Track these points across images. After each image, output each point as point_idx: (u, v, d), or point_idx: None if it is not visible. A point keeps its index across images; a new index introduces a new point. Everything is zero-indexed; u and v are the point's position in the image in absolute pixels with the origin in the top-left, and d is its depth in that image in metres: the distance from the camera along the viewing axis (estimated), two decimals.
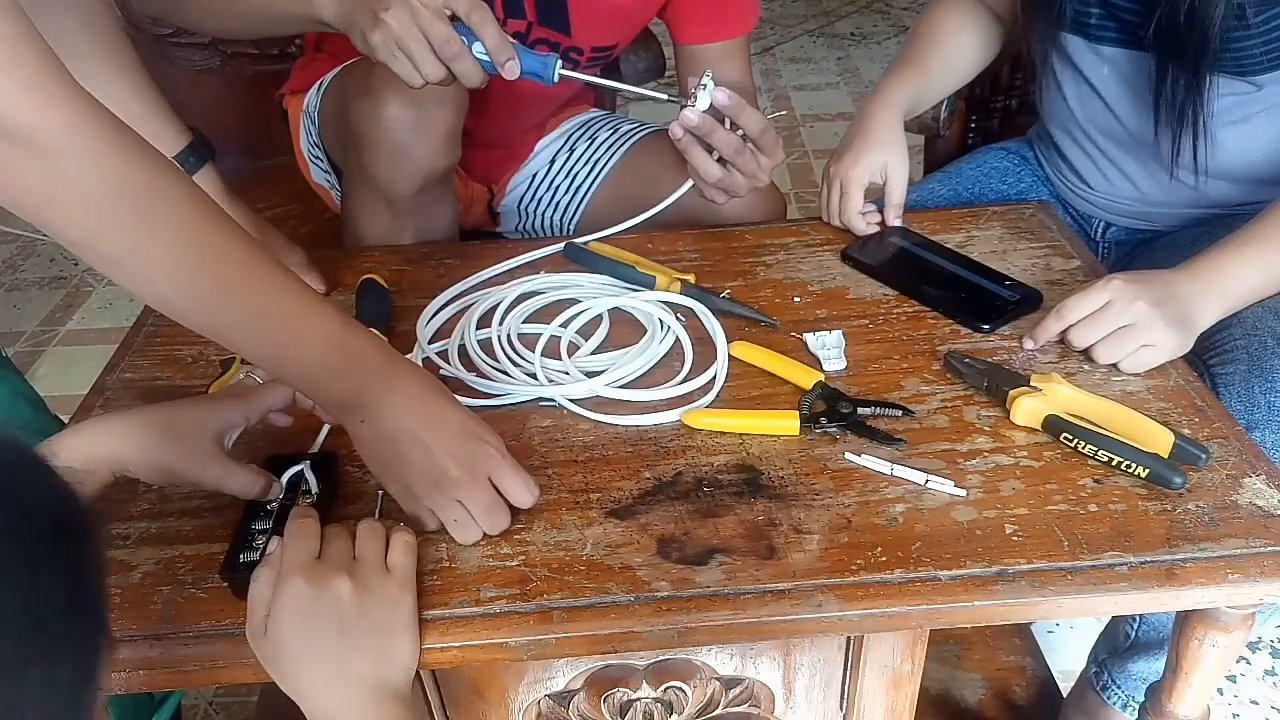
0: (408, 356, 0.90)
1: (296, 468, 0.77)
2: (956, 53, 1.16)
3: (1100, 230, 1.17)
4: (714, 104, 0.92)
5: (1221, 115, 0.96)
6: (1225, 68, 0.93)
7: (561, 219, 1.30)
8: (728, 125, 0.94)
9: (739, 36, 1.20)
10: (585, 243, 1.04)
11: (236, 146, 1.43)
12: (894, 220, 1.06)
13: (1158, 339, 0.83)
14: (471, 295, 0.99)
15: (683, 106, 0.93)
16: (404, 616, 0.65)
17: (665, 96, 0.97)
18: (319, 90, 1.20)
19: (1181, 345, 0.85)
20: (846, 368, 0.88)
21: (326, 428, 0.83)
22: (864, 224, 1.04)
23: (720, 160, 0.97)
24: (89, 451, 0.68)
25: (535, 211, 1.31)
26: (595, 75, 1.31)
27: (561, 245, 1.04)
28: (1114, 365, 0.85)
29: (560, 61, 0.91)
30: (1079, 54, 1.06)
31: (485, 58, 0.87)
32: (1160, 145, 1.00)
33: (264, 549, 0.69)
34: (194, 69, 1.45)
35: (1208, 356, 0.90)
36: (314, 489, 0.76)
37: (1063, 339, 0.87)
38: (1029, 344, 0.88)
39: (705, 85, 0.92)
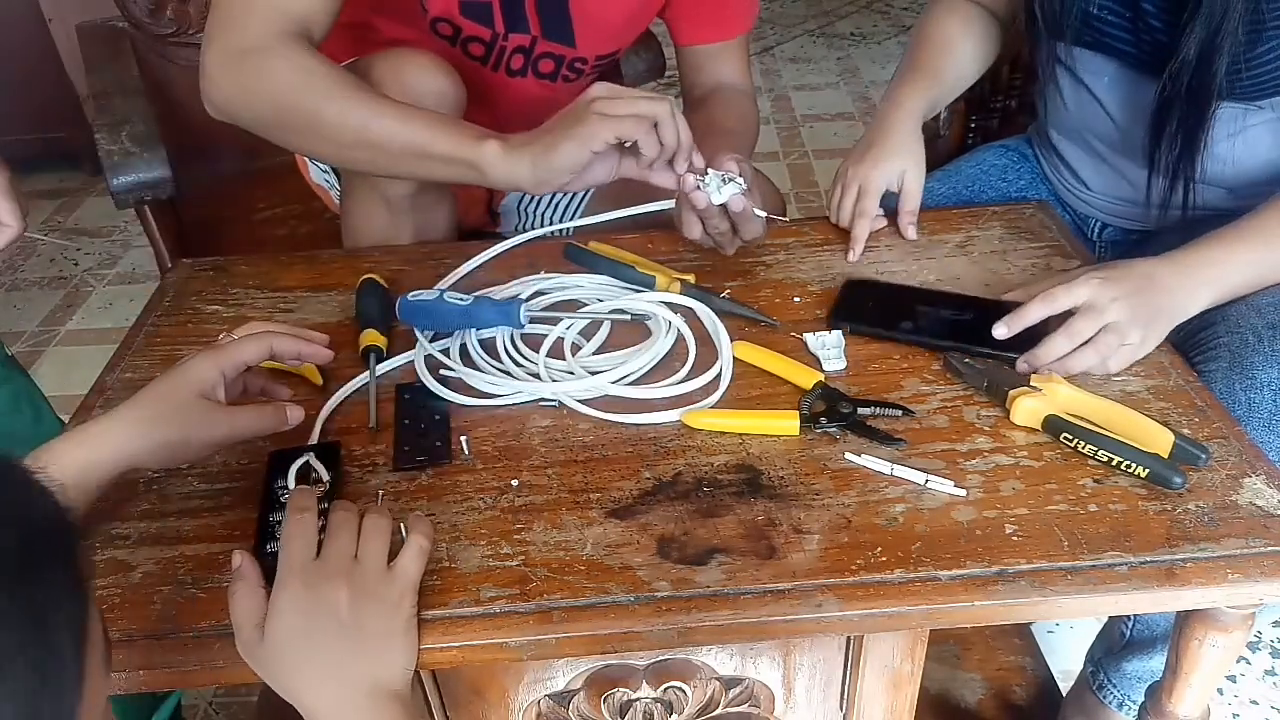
0: (408, 355, 0.91)
1: (301, 459, 0.77)
2: (964, 55, 1.15)
3: (1096, 230, 1.17)
4: (728, 203, 0.91)
5: (1217, 129, 0.96)
6: (1223, 94, 0.93)
7: (560, 219, 1.30)
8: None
9: (737, 36, 1.20)
10: (562, 230, 1.06)
11: (236, 146, 1.43)
12: (908, 228, 1.05)
13: (1133, 338, 0.84)
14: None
15: (699, 181, 0.91)
16: (401, 622, 0.65)
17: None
18: None
19: (1156, 339, 0.86)
20: (846, 367, 0.88)
21: (321, 420, 0.84)
22: (866, 230, 1.03)
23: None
24: (91, 455, 0.69)
25: (534, 212, 1.31)
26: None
27: (542, 233, 1.06)
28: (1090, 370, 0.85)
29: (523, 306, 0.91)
30: (1079, 61, 1.06)
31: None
32: (1158, 162, 1.00)
33: None
34: (194, 69, 1.44)
35: (1191, 354, 0.90)
36: (324, 477, 0.76)
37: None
38: (1000, 332, 0.85)
39: (729, 180, 0.90)
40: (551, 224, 1.30)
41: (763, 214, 0.95)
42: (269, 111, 0.95)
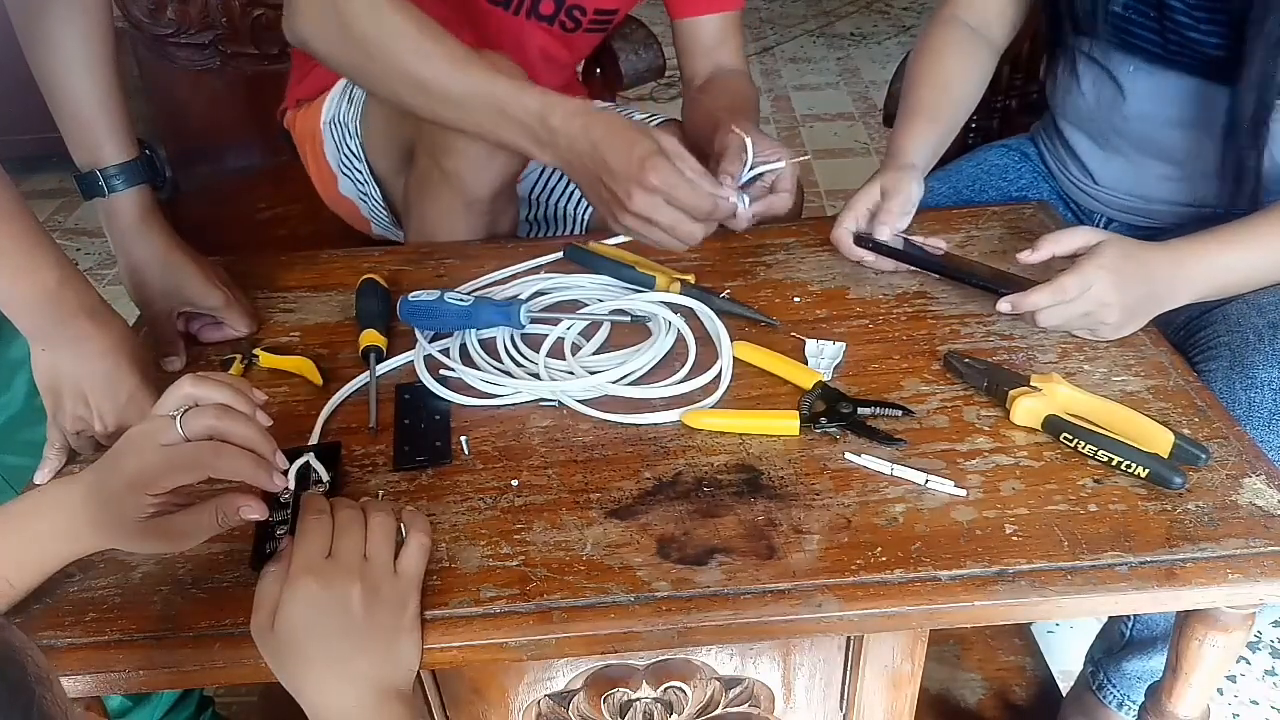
0: (408, 355, 0.91)
1: (302, 459, 0.77)
2: (961, 94, 1.13)
3: (1101, 225, 1.17)
4: (737, 215, 0.94)
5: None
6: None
7: (574, 208, 1.29)
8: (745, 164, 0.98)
9: (732, 11, 1.22)
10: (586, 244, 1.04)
11: (236, 146, 1.43)
12: (902, 223, 0.99)
13: (1107, 322, 0.86)
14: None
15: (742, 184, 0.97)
16: (409, 619, 0.65)
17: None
18: (349, 100, 1.20)
19: (1123, 330, 0.88)
20: (843, 365, 0.88)
21: (322, 420, 0.84)
22: (853, 211, 1.00)
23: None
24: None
25: (547, 201, 1.31)
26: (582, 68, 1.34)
27: (560, 252, 1.05)
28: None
29: (525, 307, 0.92)
30: (1105, 54, 1.05)
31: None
32: (1229, 163, 0.99)
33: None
34: (194, 69, 1.45)
35: (1191, 353, 0.90)
36: (324, 478, 0.76)
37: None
38: (1004, 307, 0.88)
39: (746, 198, 0.95)
40: (565, 211, 1.30)
41: (772, 164, 0.98)
42: (355, 56, 0.96)
